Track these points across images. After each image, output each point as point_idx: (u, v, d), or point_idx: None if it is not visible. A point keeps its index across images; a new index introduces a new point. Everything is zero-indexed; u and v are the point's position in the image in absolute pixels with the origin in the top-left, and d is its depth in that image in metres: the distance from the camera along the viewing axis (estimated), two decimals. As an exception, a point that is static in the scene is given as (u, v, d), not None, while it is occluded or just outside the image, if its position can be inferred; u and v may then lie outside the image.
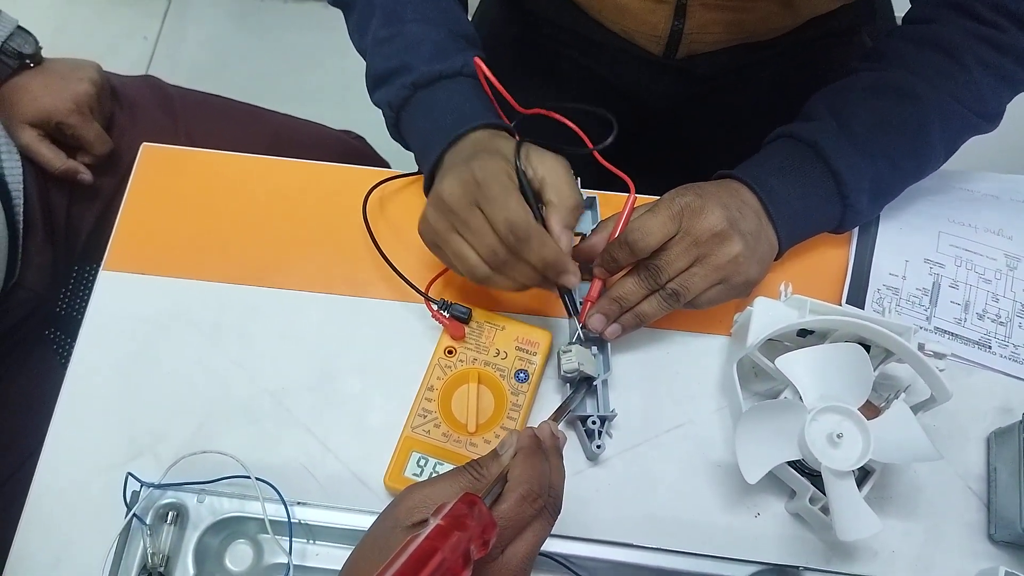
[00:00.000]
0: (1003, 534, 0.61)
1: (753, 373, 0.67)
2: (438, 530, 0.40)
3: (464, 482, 0.47)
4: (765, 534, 0.62)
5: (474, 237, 0.58)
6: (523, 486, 0.46)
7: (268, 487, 0.60)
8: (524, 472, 0.47)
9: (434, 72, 0.66)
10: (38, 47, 0.85)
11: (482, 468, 0.48)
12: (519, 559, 0.45)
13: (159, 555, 0.58)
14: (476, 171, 0.58)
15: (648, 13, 0.75)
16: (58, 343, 0.96)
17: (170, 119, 0.96)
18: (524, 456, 0.48)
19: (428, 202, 0.61)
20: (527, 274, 0.59)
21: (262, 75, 1.87)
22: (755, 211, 0.64)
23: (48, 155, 0.85)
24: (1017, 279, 0.70)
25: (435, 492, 0.46)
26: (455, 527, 0.41)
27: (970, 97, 0.66)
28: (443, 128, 0.65)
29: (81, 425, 0.66)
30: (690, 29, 0.75)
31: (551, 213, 0.60)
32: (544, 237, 0.58)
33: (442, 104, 0.66)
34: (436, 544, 0.40)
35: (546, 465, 0.48)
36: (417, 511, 0.44)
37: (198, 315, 0.70)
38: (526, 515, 0.45)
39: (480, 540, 0.41)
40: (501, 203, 0.57)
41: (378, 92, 0.70)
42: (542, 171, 0.60)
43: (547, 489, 0.47)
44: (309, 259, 0.72)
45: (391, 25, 0.69)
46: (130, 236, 0.73)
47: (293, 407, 0.66)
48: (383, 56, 0.68)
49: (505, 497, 0.46)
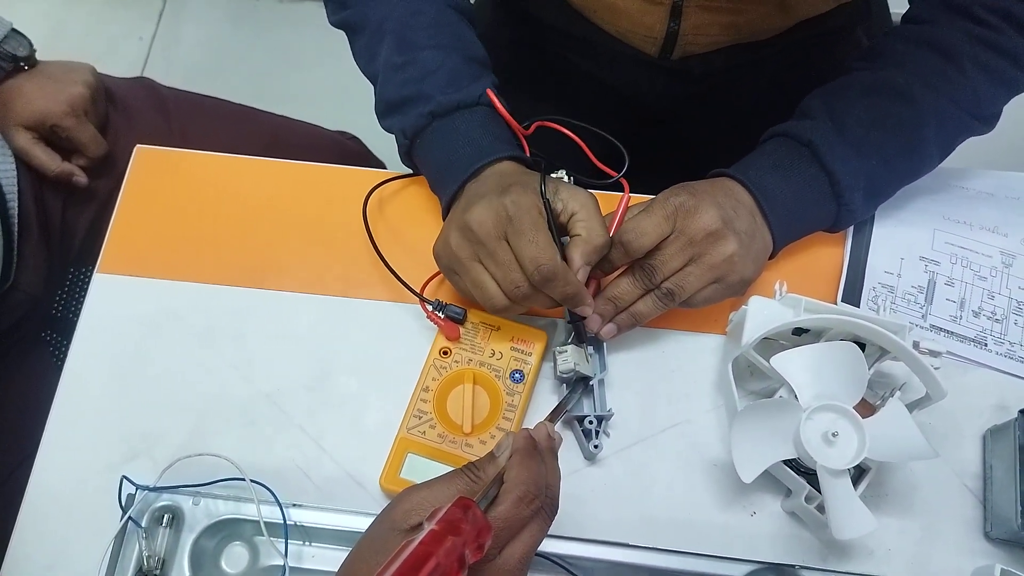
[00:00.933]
0: (999, 532, 0.61)
1: (749, 372, 0.66)
2: (432, 535, 0.41)
3: (461, 484, 0.47)
4: (761, 533, 0.62)
5: (499, 270, 0.59)
6: (520, 487, 0.46)
7: (263, 489, 0.60)
8: (520, 474, 0.47)
9: (452, 102, 0.66)
10: (32, 50, 0.85)
11: (479, 470, 0.48)
12: (516, 560, 0.45)
13: (155, 558, 0.58)
14: (509, 205, 0.58)
15: (644, 15, 0.75)
16: (54, 345, 0.96)
17: (164, 121, 0.96)
18: (520, 458, 0.48)
19: (451, 227, 0.61)
20: (543, 303, 0.60)
21: (258, 76, 1.87)
22: (749, 210, 0.64)
23: (43, 158, 0.85)
24: (1013, 276, 0.70)
25: (432, 495, 0.46)
26: (449, 532, 0.41)
27: (966, 99, 0.66)
28: (463, 158, 0.65)
29: (77, 428, 0.65)
30: (685, 31, 0.75)
31: (576, 247, 0.60)
32: (568, 275, 0.58)
33: (462, 134, 0.66)
34: (431, 549, 0.40)
35: (542, 466, 0.49)
36: (414, 514, 0.45)
37: (193, 317, 0.69)
38: (523, 516, 0.46)
39: (475, 544, 0.42)
40: (530, 239, 0.57)
41: (391, 119, 0.70)
42: (574, 205, 0.60)
43: (544, 490, 0.47)
44: (304, 260, 0.72)
45: (405, 52, 0.68)
46: (124, 238, 0.73)
47: (288, 409, 0.66)
48: (397, 83, 0.68)
49: (502, 499, 0.46)
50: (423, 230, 0.72)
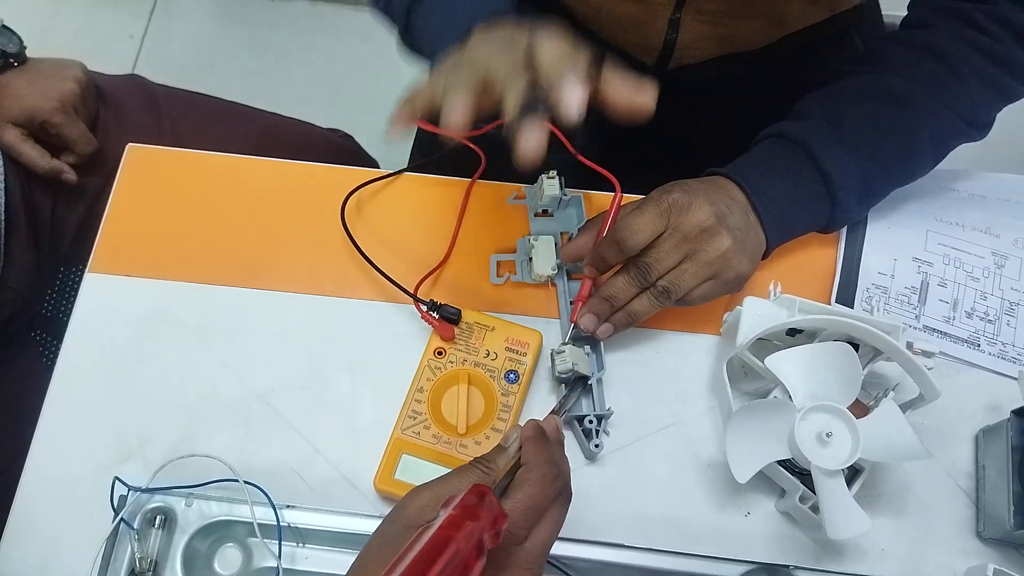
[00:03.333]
0: (992, 532, 0.61)
1: (743, 372, 0.67)
2: (450, 519, 0.40)
3: (473, 478, 0.46)
4: (755, 533, 0.62)
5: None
6: (541, 467, 0.46)
7: (257, 490, 0.59)
8: (538, 455, 0.47)
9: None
10: (22, 46, 0.84)
11: (490, 463, 0.48)
12: (542, 544, 0.45)
13: (147, 560, 0.58)
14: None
15: (643, 26, 0.75)
16: (44, 345, 0.95)
17: (155, 118, 0.95)
18: (534, 443, 0.48)
19: None
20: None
21: (249, 74, 1.86)
22: (743, 207, 0.64)
23: (32, 154, 0.84)
24: (1005, 277, 0.70)
25: (444, 489, 0.45)
26: (467, 517, 0.40)
27: (962, 105, 0.66)
28: (461, 18, 0.60)
29: (68, 428, 0.65)
30: (683, 43, 0.76)
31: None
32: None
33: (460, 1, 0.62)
34: (450, 533, 0.39)
35: (555, 450, 0.49)
36: (429, 509, 0.44)
37: (185, 317, 0.69)
38: (549, 496, 0.46)
39: (492, 530, 0.41)
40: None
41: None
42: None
43: (563, 472, 0.48)
44: (297, 260, 0.71)
45: None
46: (116, 238, 0.72)
47: (282, 409, 0.66)
48: None
49: (526, 479, 0.46)
50: (417, 229, 0.72)
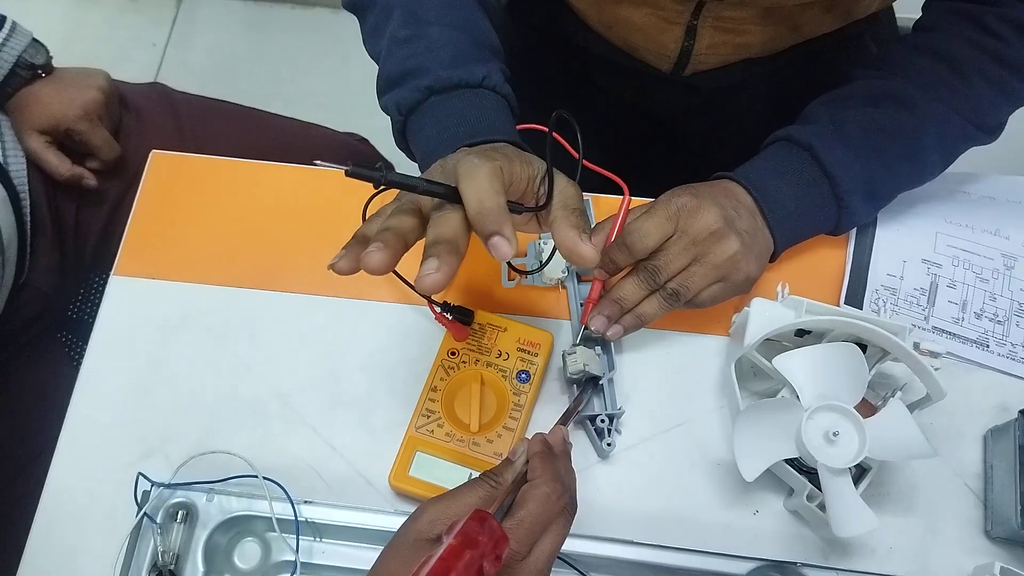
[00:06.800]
0: (999, 531, 0.62)
1: (751, 373, 0.67)
2: (451, 550, 0.41)
3: (482, 492, 0.48)
4: (764, 531, 0.63)
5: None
6: (547, 484, 0.47)
7: (275, 486, 0.61)
8: (545, 471, 0.48)
9: (453, 79, 0.62)
10: (49, 57, 0.87)
11: (497, 476, 0.49)
12: (545, 557, 0.46)
13: (169, 553, 0.59)
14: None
15: (660, 33, 0.75)
16: (70, 347, 0.97)
17: (176, 125, 0.97)
18: (540, 458, 0.49)
19: None
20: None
21: (270, 80, 1.88)
22: (750, 210, 0.65)
23: (54, 161, 0.86)
24: (1014, 278, 0.71)
25: (453, 505, 0.47)
26: (467, 546, 0.42)
27: (969, 109, 0.66)
28: (453, 138, 0.61)
29: (94, 426, 0.67)
30: (699, 50, 0.76)
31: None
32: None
33: (456, 114, 0.62)
34: (450, 564, 0.41)
35: (560, 464, 0.50)
36: (438, 523, 0.46)
37: (207, 318, 0.71)
38: (552, 511, 0.47)
39: (492, 555, 0.42)
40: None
41: (389, 94, 0.65)
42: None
43: (567, 487, 0.49)
44: (315, 263, 0.73)
45: (411, 26, 0.65)
46: (140, 242, 0.74)
47: (300, 408, 0.67)
48: (399, 58, 0.64)
49: (531, 496, 0.47)
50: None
